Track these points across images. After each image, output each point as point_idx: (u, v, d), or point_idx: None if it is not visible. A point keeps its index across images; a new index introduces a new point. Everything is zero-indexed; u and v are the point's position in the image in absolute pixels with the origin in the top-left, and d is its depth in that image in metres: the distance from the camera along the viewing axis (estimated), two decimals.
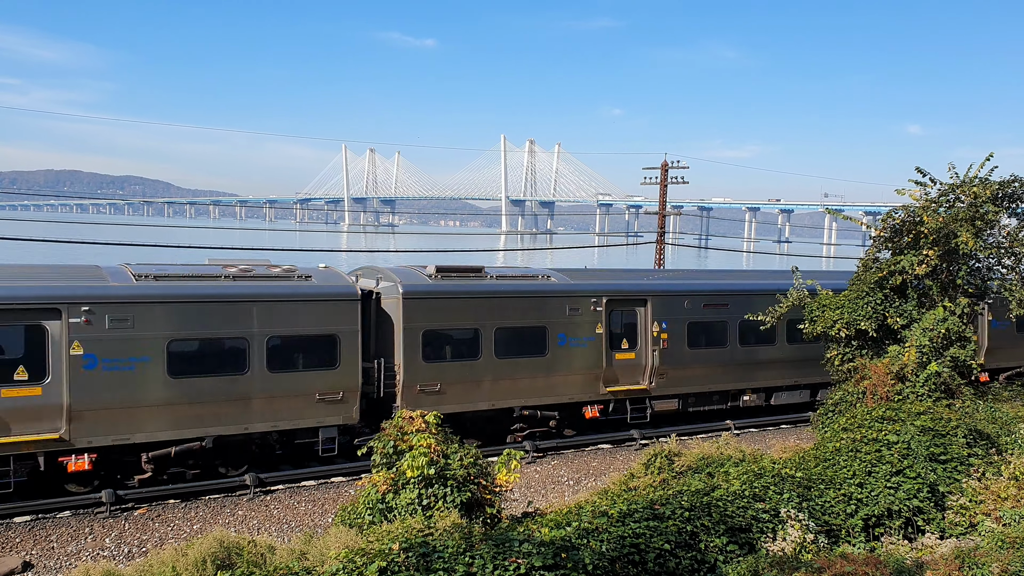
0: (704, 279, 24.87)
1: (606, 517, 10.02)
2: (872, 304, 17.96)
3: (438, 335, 18.99)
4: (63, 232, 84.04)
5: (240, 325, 16.43)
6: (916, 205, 17.85)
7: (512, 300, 19.88)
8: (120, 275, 16.30)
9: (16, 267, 17.28)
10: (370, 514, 11.50)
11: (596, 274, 23.20)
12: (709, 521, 10.44)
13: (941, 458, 12.93)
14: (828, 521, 11.87)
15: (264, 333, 16.61)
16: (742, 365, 23.37)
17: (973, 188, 17.58)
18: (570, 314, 20.48)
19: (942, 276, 18.16)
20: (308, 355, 17.19)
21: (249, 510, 15.84)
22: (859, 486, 12.40)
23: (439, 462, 11.50)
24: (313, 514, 15.87)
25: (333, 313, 17.39)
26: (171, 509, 15.57)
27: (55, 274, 16.17)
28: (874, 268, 18.42)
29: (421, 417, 12.31)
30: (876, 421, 13.96)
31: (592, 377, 20.93)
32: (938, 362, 16.75)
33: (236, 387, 16.43)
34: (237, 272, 17.26)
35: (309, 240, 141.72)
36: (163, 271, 16.72)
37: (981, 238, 17.58)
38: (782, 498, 11.66)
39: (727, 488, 11.60)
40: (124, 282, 15.95)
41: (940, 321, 16.98)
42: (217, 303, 16.34)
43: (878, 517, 12.20)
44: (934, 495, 12.51)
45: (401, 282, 18.67)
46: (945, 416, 14.04)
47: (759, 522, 10.95)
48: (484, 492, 11.90)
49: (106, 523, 14.76)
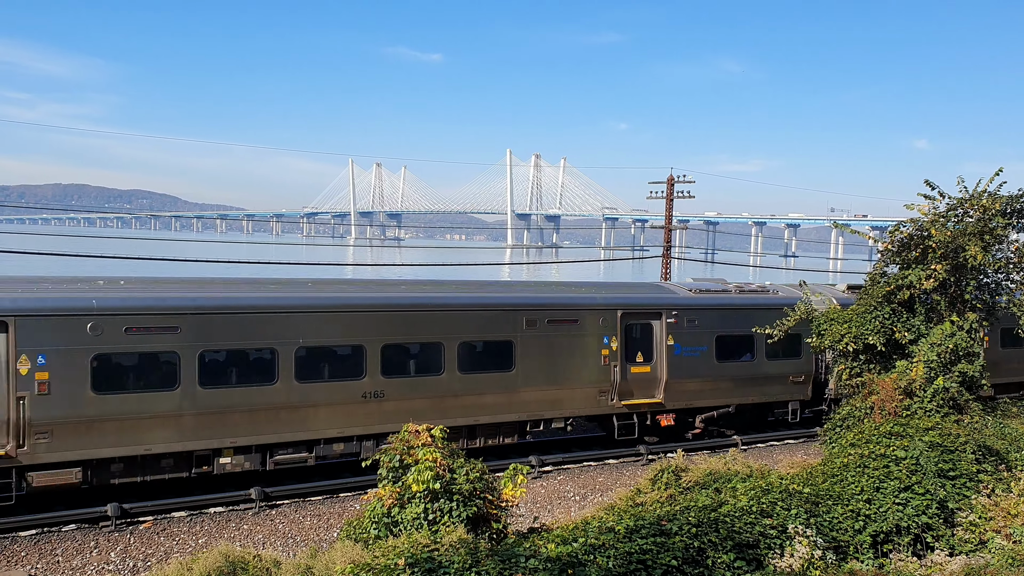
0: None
1: (612, 533, 9.97)
2: (880, 318, 17.89)
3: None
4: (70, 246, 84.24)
5: (748, 326, 22.32)
6: (924, 219, 17.81)
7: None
8: (679, 289, 23.23)
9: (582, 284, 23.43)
10: (376, 529, 11.45)
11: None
12: (716, 537, 10.38)
13: (950, 474, 12.85)
14: (836, 537, 11.79)
15: (761, 334, 21.39)
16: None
17: (982, 202, 17.54)
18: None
19: (950, 291, 18.09)
20: (784, 349, 22.77)
21: (254, 524, 15.80)
22: (867, 502, 12.32)
23: (445, 476, 11.44)
24: (318, 528, 15.82)
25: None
26: (176, 523, 15.54)
27: (650, 287, 24.18)
28: (882, 282, 18.37)
29: (427, 431, 12.27)
30: (884, 436, 13.89)
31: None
32: (946, 377, 16.67)
33: (751, 369, 22.96)
34: (741, 289, 24.00)
35: (315, 254, 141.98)
36: (705, 287, 23.79)
37: (990, 252, 17.51)
38: (790, 514, 11.59)
39: (734, 504, 11.53)
40: (685, 294, 22.64)
41: (948, 336, 16.91)
42: (742, 310, 22.78)
43: (887, 533, 12.11)
44: (943, 511, 12.43)
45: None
46: (954, 432, 13.96)
47: (767, 538, 10.88)
48: (490, 507, 11.84)
49: (111, 537, 14.73)
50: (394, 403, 18.01)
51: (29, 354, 14.87)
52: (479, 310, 19.45)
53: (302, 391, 17.16)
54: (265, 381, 16.86)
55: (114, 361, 15.63)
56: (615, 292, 22.24)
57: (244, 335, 16.67)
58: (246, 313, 16.76)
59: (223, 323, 16.47)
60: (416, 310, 18.67)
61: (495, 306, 19.73)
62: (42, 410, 14.96)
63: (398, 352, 18.40)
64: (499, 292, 21.01)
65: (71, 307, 15.36)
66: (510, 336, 19.62)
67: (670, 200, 44.15)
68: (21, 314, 14.90)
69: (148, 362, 15.94)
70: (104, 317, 15.47)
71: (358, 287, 20.33)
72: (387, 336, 18.12)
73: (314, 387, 17.31)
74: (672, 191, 44.25)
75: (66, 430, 15.19)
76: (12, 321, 14.79)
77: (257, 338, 16.81)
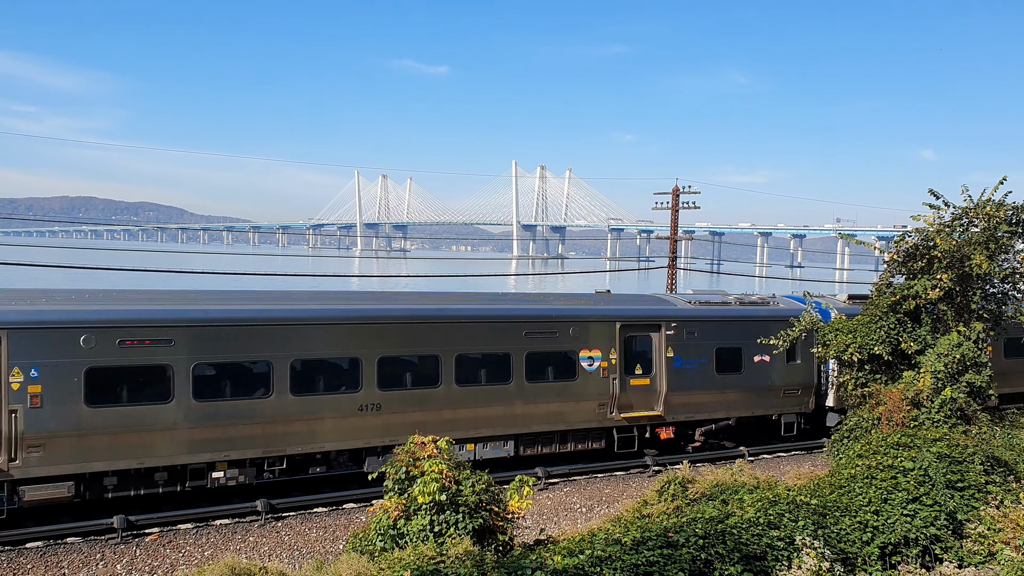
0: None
1: (619, 545, 9.93)
2: (886, 328, 17.84)
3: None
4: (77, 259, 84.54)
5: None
6: (929, 229, 17.78)
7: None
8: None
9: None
10: (381, 540, 11.42)
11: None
12: (724, 549, 10.33)
13: (958, 485, 12.78)
14: (844, 549, 11.73)
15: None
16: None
17: (987, 211, 17.51)
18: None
19: (956, 300, 18.04)
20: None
21: (260, 536, 15.77)
22: (875, 513, 12.25)
23: (451, 488, 11.42)
24: (324, 540, 15.79)
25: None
26: (183, 535, 15.52)
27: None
28: (888, 292, 18.32)
29: (433, 442, 12.25)
30: (892, 447, 13.82)
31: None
32: (953, 388, 16.60)
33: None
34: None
35: (321, 265, 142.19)
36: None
37: (995, 261, 17.47)
38: (797, 526, 11.53)
39: (741, 516, 11.48)
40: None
41: (955, 346, 16.86)
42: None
43: (895, 545, 12.04)
44: (952, 523, 12.35)
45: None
46: (962, 443, 13.90)
47: (774, 550, 10.83)
48: (496, 519, 11.82)
49: (118, 549, 14.72)
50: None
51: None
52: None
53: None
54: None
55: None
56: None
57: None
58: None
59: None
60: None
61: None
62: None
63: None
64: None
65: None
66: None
67: (675, 211, 44.18)
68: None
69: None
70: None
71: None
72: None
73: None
74: (677, 202, 44.30)
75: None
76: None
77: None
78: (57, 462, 15.05)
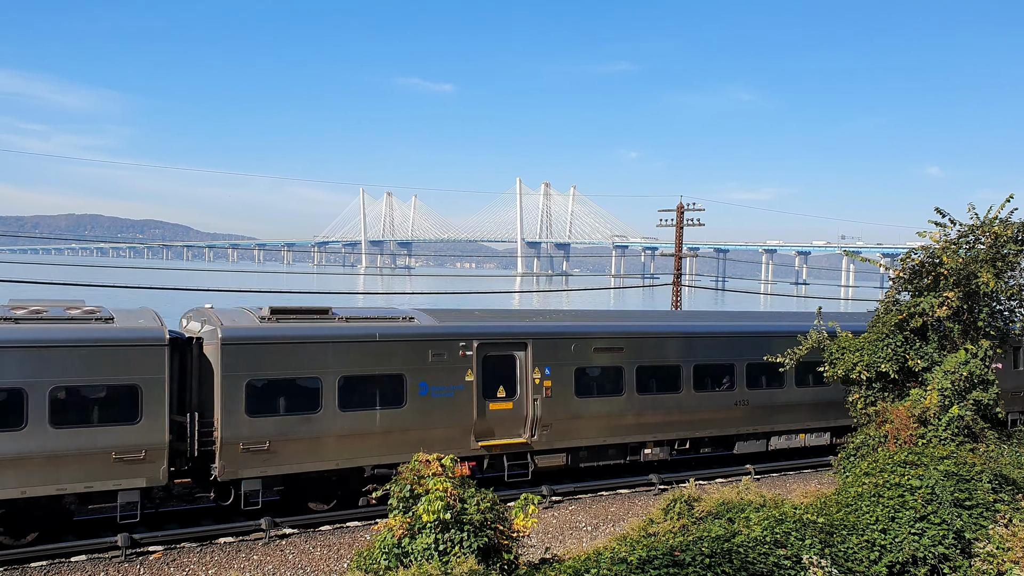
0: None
1: (625, 564, 9.88)
2: (892, 346, 17.79)
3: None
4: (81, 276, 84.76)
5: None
6: (936, 246, 17.75)
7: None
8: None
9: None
10: (386, 559, 11.36)
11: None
12: (730, 568, 10.27)
13: (966, 504, 12.70)
14: (851, 568, 11.65)
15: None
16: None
17: (993, 228, 17.49)
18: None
19: (963, 318, 17.99)
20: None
21: (264, 555, 15.72)
22: (883, 532, 12.18)
23: (456, 506, 11.38)
24: (328, 559, 15.73)
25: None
26: (187, 553, 15.48)
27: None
28: (894, 310, 18.28)
29: (437, 460, 12.21)
30: (899, 466, 13.75)
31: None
32: (960, 405, 16.53)
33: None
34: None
35: (327, 282, 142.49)
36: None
37: (1002, 279, 17.43)
38: (804, 544, 11.46)
39: (748, 534, 11.42)
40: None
41: (962, 364, 16.79)
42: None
43: (903, 564, 11.96)
44: (960, 542, 12.26)
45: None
46: (969, 461, 13.82)
47: (781, 569, 10.76)
48: (501, 537, 11.75)
49: (121, 567, 14.68)
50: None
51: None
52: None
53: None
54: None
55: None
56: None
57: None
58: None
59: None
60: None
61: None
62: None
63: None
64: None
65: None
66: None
67: (680, 228, 44.20)
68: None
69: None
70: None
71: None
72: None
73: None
74: (682, 219, 44.32)
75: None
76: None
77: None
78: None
